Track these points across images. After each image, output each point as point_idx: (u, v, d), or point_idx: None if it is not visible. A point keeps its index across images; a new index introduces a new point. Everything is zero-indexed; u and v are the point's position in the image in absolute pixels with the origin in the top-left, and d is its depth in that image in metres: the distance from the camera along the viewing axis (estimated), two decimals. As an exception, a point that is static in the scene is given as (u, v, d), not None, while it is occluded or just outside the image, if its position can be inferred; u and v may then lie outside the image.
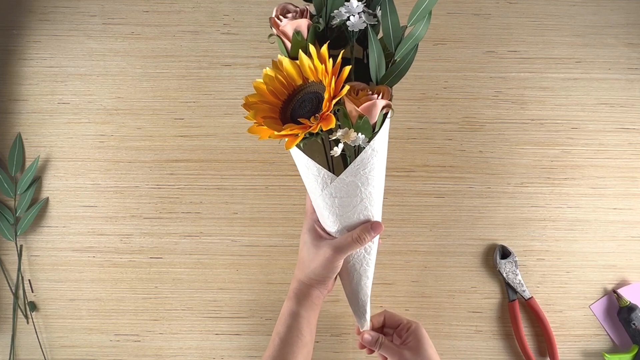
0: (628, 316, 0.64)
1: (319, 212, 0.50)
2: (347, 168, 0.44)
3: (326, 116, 0.40)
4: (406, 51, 0.43)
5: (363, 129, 0.41)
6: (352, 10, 0.41)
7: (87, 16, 0.73)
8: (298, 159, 0.46)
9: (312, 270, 0.49)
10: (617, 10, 0.73)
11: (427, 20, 0.42)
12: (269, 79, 0.45)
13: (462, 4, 0.74)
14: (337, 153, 0.41)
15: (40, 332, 0.68)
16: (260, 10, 0.73)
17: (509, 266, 0.67)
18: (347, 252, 0.48)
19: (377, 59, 0.42)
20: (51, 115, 0.72)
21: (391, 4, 0.42)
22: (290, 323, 0.49)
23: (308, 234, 0.50)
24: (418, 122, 0.71)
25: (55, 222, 0.70)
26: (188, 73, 0.72)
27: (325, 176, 0.45)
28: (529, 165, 0.70)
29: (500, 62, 0.72)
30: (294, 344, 0.48)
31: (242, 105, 0.45)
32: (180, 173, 0.70)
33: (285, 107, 0.45)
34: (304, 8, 0.44)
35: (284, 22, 0.43)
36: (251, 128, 0.42)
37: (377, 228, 0.48)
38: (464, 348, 0.67)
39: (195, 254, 0.69)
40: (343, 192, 0.45)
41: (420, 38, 0.42)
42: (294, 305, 0.50)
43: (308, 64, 0.43)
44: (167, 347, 0.67)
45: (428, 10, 0.41)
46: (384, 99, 0.42)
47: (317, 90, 0.44)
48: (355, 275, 0.51)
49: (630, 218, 0.69)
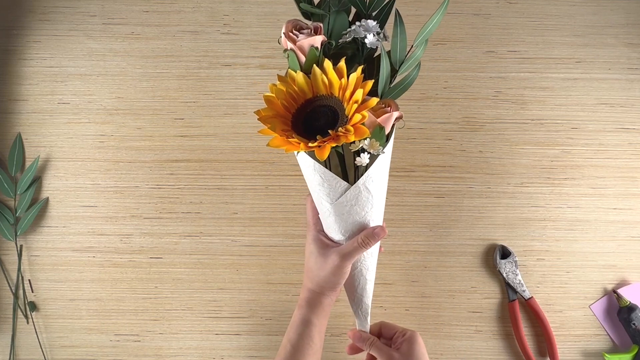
0: (628, 316, 0.64)
1: (327, 221, 0.50)
2: (362, 176, 0.46)
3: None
4: (409, 68, 0.47)
5: (379, 139, 0.44)
6: (369, 29, 0.44)
7: (87, 16, 0.73)
8: (312, 169, 0.47)
9: (322, 278, 0.50)
10: (617, 10, 0.73)
11: (424, 45, 0.47)
12: (280, 93, 0.46)
13: (462, 4, 0.74)
14: (365, 162, 0.44)
15: (40, 332, 0.68)
16: (260, 10, 0.73)
17: (509, 266, 0.67)
18: (354, 258, 0.49)
19: (386, 75, 0.45)
20: (51, 115, 0.72)
21: (402, 27, 0.46)
22: (302, 330, 0.50)
23: (314, 244, 0.51)
24: (418, 122, 0.71)
25: (55, 222, 0.70)
26: (188, 73, 0.72)
27: (340, 186, 0.46)
28: (529, 165, 0.70)
29: (500, 62, 0.72)
30: (305, 351, 0.50)
31: (258, 119, 0.45)
32: (180, 173, 0.70)
33: (296, 119, 0.46)
34: (317, 25, 0.46)
35: (300, 38, 0.45)
36: (272, 141, 0.43)
37: (380, 232, 0.49)
38: (464, 348, 0.67)
39: (195, 254, 0.69)
40: (356, 200, 0.47)
41: (418, 58, 0.47)
42: (307, 313, 0.51)
43: (321, 78, 0.45)
44: (167, 347, 0.67)
45: (428, 36, 0.46)
46: (395, 111, 0.46)
47: (328, 104, 0.45)
48: (362, 280, 0.53)
49: (630, 218, 0.69)
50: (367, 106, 0.42)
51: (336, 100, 0.45)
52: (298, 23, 0.46)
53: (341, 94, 0.44)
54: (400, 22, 0.46)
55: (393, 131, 0.47)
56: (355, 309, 0.54)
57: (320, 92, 0.46)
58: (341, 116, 0.44)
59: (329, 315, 0.53)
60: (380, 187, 0.48)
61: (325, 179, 0.46)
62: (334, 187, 0.46)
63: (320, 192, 0.48)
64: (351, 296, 0.54)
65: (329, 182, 0.46)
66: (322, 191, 0.47)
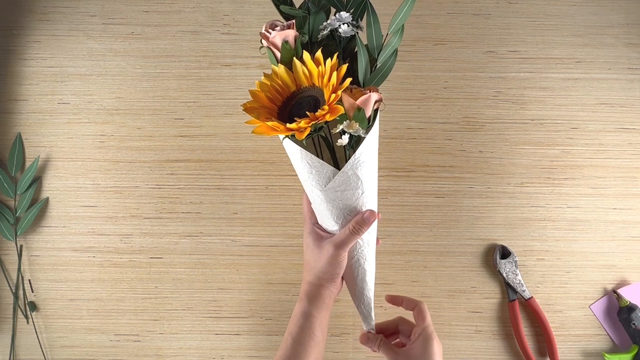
0: (628, 316, 0.64)
1: (320, 211, 0.51)
2: (348, 161, 0.47)
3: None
4: (386, 57, 0.49)
5: (360, 121, 0.45)
6: (342, 19, 0.47)
7: (87, 16, 0.73)
8: (299, 157, 0.48)
9: (319, 269, 0.51)
10: (617, 10, 0.73)
11: (400, 33, 0.49)
12: (264, 87, 0.49)
13: (462, 4, 0.74)
14: (345, 142, 0.45)
15: (40, 332, 0.68)
16: (260, 10, 0.73)
17: (509, 266, 0.67)
18: (347, 246, 0.49)
19: (365, 63, 0.47)
20: (51, 115, 0.72)
21: (374, 16, 0.48)
22: (303, 323, 0.50)
23: (309, 236, 0.52)
24: (418, 122, 0.71)
25: (55, 222, 0.70)
26: (188, 73, 0.72)
27: (328, 171, 0.47)
28: (529, 165, 0.70)
29: (500, 62, 0.72)
30: (306, 343, 0.49)
31: (243, 110, 0.47)
32: (180, 173, 0.70)
33: (282, 111, 0.49)
34: (290, 22, 0.49)
35: (273, 34, 0.48)
36: (257, 129, 0.45)
37: (370, 217, 0.49)
38: (464, 348, 0.67)
39: (195, 254, 0.69)
40: (345, 185, 0.48)
41: (396, 46, 0.49)
42: (306, 306, 0.51)
43: (302, 70, 0.47)
44: (167, 347, 0.67)
45: (402, 22, 0.48)
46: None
47: (311, 94, 0.48)
48: (360, 271, 0.53)
49: (630, 218, 0.69)
50: (342, 87, 0.44)
51: (318, 89, 0.47)
52: (274, 22, 0.49)
53: (320, 82, 0.46)
54: (372, 11, 0.48)
55: (377, 116, 0.48)
56: (358, 303, 0.54)
57: (303, 84, 0.48)
58: (322, 103, 0.46)
59: (330, 309, 0.53)
60: (369, 172, 0.49)
61: (313, 165, 0.48)
62: (322, 173, 0.48)
63: (310, 179, 0.48)
64: (352, 290, 0.54)
65: (317, 168, 0.48)
66: (312, 179, 0.48)
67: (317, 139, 0.50)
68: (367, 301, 0.54)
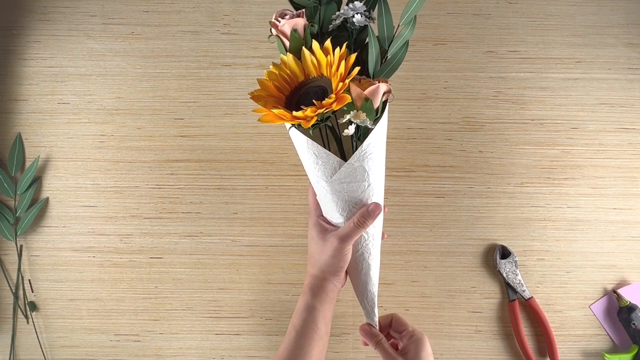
0: (628, 316, 0.64)
1: (325, 203, 0.51)
2: (355, 152, 0.46)
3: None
4: (397, 48, 0.49)
5: (368, 112, 0.45)
6: (356, 9, 0.47)
7: (87, 16, 0.73)
8: (305, 147, 0.48)
9: (323, 262, 0.50)
10: (617, 10, 0.73)
11: (412, 24, 0.49)
12: (272, 76, 0.48)
13: (462, 4, 0.74)
14: (351, 132, 0.45)
15: (40, 332, 0.68)
16: (260, 10, 0.73)
17: (509, 266, 0.67)
18: (352, 239, 0.49)
19: (375, 54, 0.47)
20: (51, 115, 0.72)
21: (386, 6, 0.48)
22: (306, 316, 0.49)
23: (314, 229, 0.52)
24: (418, 122, 0.71)
25: (55, 222, 0.70)
26: (188, 73, 0.72)
27: (334, 162, 0.47)
28: (529, 165, 0.70)
29: (500, 62, 0.72)
30: (309, 336, 0.49)
31: (250, 97, 0.47)
32: (180, 173, 0.70)
33: (290, 101, 0.48)
34: (300, 11, 0.49)
35: (282, 22, 0.47)
36: (263, 117, 0.45)
37: (375, 209, 0.48)
38: (464, 348, 0.67)
39: (195, 254, 0.69)
40: (351, 177, 0.47)
41: (408, 37, 0.49)
42: (309, 299, 0.50)
43: (311, 60, 0.47)
44: (167, 347, 0.67)
45: (415, 14, 0.48)
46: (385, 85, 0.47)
47: (319, 84, 0.47)
48: (365, 265, 0.52)
49: (630, 218, 0.69)
50: (350, 76, 0.44)
51: (326, 79, 0.47)
52: (284, 11, 0.49)
53: (329, 72, 0.46)
54: (384, 2, 0.48)
55: (386, 108, 0.48)
56: (361, 298, 0.54)
57: (312, 74, 0.48)
58: (330, 93, 0.46)
59: (334, 302, 0.52)
60: (376, 164, 0.48)
61: (319, 155, 0.47)
62: (328, 164, 0.47)
63: (316, 170, 0.48)
64: (356, 285, 0.54)
65: (323, 159, 0.47)
66: (318, 169, 0.48)
67: (324, 131, 0.50)
68: (371, 297, 0.53)
